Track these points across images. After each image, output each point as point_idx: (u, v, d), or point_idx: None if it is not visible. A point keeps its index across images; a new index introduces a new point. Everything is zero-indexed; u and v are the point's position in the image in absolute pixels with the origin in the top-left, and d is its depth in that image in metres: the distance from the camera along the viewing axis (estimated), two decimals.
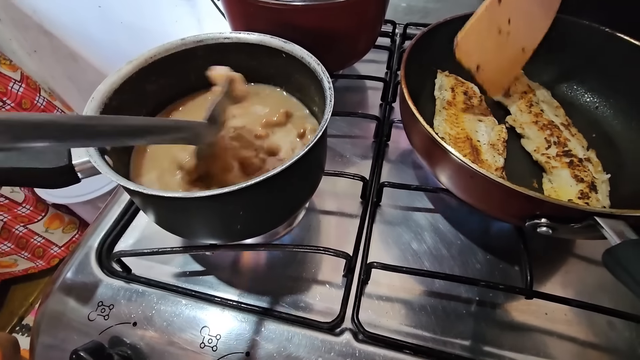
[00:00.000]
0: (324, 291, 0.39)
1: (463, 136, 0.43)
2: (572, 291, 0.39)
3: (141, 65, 0.36)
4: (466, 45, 0.42)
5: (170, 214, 0.30)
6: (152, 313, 0.36)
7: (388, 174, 0.49)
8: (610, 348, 0.35)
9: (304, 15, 0.45)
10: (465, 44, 0.42)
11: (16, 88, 1.11)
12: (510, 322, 0.37)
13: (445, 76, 0.50)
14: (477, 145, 0.42)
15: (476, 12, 0.43)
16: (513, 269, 0.40)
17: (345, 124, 0.55)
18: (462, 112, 0.46)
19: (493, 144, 0.42)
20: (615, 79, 0.47)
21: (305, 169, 0.32)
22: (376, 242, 0.42)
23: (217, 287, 0.39)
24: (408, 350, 0.34)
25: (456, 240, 0.43)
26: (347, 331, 0.35)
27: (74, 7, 1.05)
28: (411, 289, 0.39)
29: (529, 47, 0.45)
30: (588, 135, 0.46)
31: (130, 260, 0.40)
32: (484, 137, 0.43)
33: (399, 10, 0.80)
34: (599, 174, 0.41)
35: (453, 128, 0.43)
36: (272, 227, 0.35)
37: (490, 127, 0.45)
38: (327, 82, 0.34)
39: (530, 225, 0.32)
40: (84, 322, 0.36)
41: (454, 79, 0.49)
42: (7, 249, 1.17)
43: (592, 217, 0.28)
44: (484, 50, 0.43)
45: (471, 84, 0.49)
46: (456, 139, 0.43)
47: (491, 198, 0.34)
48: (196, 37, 0.39)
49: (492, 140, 0.43)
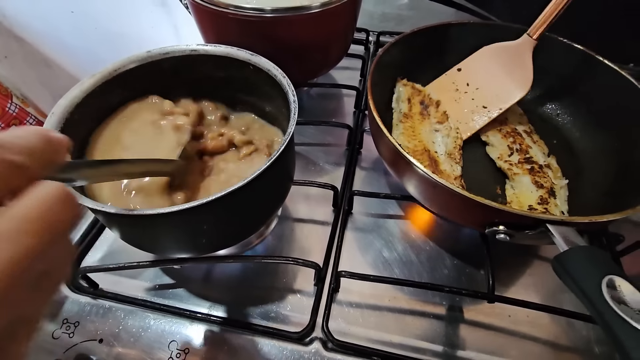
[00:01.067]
0: (295, 300, 0.39)
1: (421, 148, 0.44)
2: (534, 294, 0.40)
3: (105, 79, 0.36)
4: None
5: (135, 230, 0.30)
6: (119, 329, 0.36)
7: (361, 181, 0.50)
8: (570, 347, 0.37)
9: (274, 27, 0.45)
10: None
11: None
12: (477, 325, 0.38)
13: (403, 85, 0.51)
14: (434, 156, 0.43)
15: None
16: (479, 273, 0.42)
17: (318, 132, 0.55)
18: (419, 124, 0.47)
19: (450, 153, 0.44)
20: (574, 89, 0.49)
21: (270, 181, 0.32)
22: (347, 249, 0.43)
23: (187, 300, 0.38)
24: (376, 358, 0.35)
25: (425, 246, 0.44)
26: (316, 340, 0.36)
27: (46, 13, 1.03)
28: (381, 296, 0.40)
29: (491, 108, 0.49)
30: (549, 142, 0.48)
31: (97, 275, 0.39)
32: (441, 147, 0.45)
33: (374, 17, 0.81)
34: (558, 180, 0.43)
35: (411, 141, 0.45)
36: (241, 239, 0.36)
37: (447, 135, 0.46)
38: (292, 95, 0.34)
39: (490, 232, 0.33)
40: (48, 340, 0.35)
41: (411, 87, 0.51)
42: None
43: (544, 224, 0.30)
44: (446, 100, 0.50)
45: (428, 91, 0.51)
46: (414, 151, 0.44)
47: (453, 207, 0.35)
48: (162, 50, 0.38)
49: (449, 150, 0.44)
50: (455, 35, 0.51)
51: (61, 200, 0.14)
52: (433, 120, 0.48)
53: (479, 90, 0.50)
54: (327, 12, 0.46)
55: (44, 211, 0.14)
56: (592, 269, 0.24)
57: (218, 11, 0.45)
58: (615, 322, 0.21)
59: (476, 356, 0.36)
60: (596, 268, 0.24)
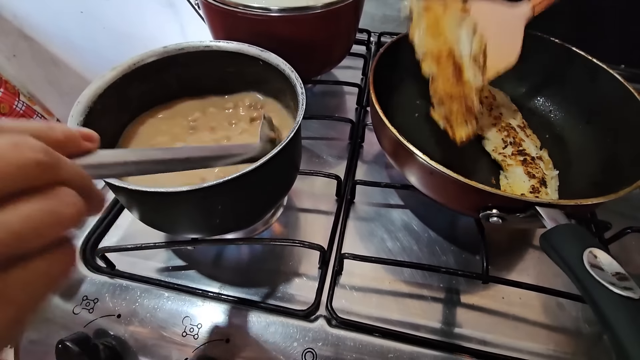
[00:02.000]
0: (301, 283, 0.41)
1: (446, 51, 0.42)
2: (527, 277, 0.43)
3: (125, 72, 0.38)
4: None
5: (153, 209, 0.32)
6: (135, 306, 0.38)
7: (363, 174, 0.53)
8: (559, 327, 0.39)
9: (280, 25, 0.48)
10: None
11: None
12: (472, 306, 0.40)
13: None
14: (459, 62, 0.42)
15: None
16: (475, 258, 0.44)
17: (322, 127, 0.58)
18: (442, 15, 0.44)
19: (475, 56, 0.42)
20: (566, 88, 0.52)
21: (279, 167, 0.34)
22: (350, 236, 0.45)
23: (198, 281, 0.41)
24: (377, 334, 0.37)
25: (424, 234, 0.46)
26: (321, 318, 0.38)
27: (55, 13, 1.06)
28: (382, 279, 0.42)
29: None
30: (542, 136, 0.50)
31: (114, 257, 0.41)
32: (466, 46, 0.43)
33: (375, 19, 0.84)
34: (549, 171, 0.45)
35: (436, 39, 0.43)
36: (250, 221, 0.38)
37: (472, 33, 0.44)
38: (300, 87, 0.37)
39: (484, 216, 0.35)
40: (69, 316, 0.37)
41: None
42: None
43: (534, 207, 0.32)
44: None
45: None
46: (439, 57, 0.43)
47: (449, 192, 0.37)
48: (178, 45, 0.41)
49: (475, 51, 0.42)
50: None
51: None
52: (455, 9, 0.45)
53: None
54: (331, 12, 0.49)
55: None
56: (574, 243, 0.26)
57: (228, 10, 0.47)
58: (593, 287, 0.24)
59: (471, 333, 0.38)
60: (578, 242, 0.26)
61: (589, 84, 0.49)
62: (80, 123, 0.33)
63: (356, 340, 0.37)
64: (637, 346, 0.22)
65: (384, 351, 0.36)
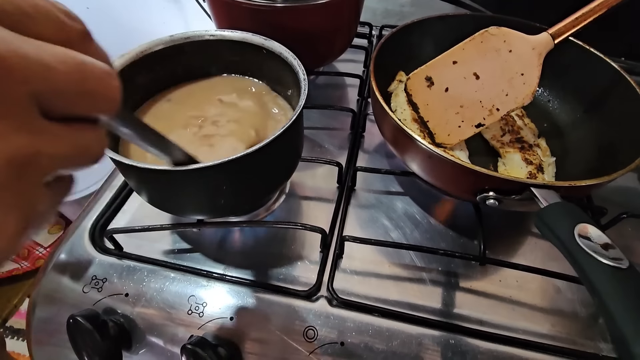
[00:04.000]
0: (303, 265, 0.42)
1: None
2: (524, 261, 0.43)
3: (132, 59, 0.39)
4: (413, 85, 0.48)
5: (161, 188, 0.34)
6: (142, 285, 0.39)
7: (364, 163, 0.53)
8: (555, 309, 0.40)
9: (283, 16, 0.49)
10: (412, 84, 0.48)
11: None
12: (470, 289, 0.41)
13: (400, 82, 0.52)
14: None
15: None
16: (472, 243, 0.45)
17: (323, 117, 0.59)
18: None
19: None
20: (566, 79, 0.52)
21: (281, 150, 0.35)
22: (351, 222, 0.46)
23: (203, 263, 0.42)
24: (377, 314, 0.38)
25: (423, 220, 0.47)
26: (322, 298, 0.39)
27: None
28: (381, 262, 0.43)
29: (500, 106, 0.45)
30: (540, 125, 0.51)
31: (122, 239, 0.42)
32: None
33: (377, 13, 0.85)
34: (546, 158, 0.46)
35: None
36: (253, 204, 0.39)
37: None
38: (302, 74, 0.38)
39: (481, 199, 0.36)
40: (79, 295, 0.39)
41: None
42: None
43: (529, 188, 0.33)
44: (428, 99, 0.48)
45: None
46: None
47: (447, 176, 0.38)
48: (184, 34, 0.42)
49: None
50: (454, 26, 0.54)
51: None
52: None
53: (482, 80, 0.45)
54: (333, 4, 0.50)
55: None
56: (565, 219, 0.27)
57: (232, 1, 0.48)
58: (584, 259, 0.25)
59: (469, 314, 0.39)
60: (569, 217, 0.27)
61: (589, 75, 0.49)
62: None
63: (356, 319, 0.38)
64: (626, 314, 0.23)
65: (382, 330, 0.37)
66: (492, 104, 0.45)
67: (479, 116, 0.45)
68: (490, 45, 0.45)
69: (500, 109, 0.44)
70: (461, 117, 0.46)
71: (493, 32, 0.45)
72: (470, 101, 0.46)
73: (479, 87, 0.45)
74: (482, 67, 0.45)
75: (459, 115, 0.46)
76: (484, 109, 0.45)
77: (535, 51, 0.43)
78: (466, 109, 0.46)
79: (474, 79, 0.46)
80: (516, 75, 0.44)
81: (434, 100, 0.47)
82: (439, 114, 0.47)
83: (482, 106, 0.45)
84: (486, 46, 0.45)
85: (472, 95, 0.46)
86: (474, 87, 0.46)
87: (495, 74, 0.45)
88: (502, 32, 0.44)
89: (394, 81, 0.54)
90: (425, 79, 0.47)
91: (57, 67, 0.13)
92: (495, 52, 0.45)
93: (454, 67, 0.46)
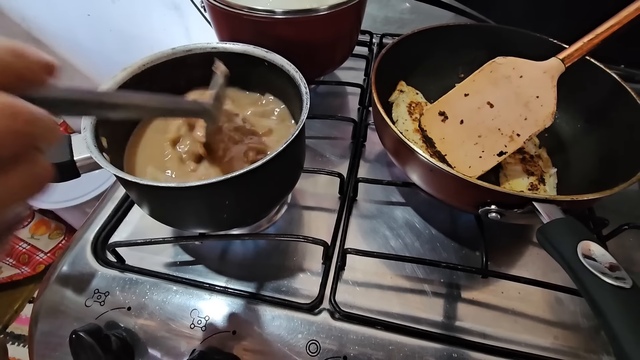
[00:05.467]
0: (305, 277, 0.42)
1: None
2: (526, 273, 0.43)
3: (134, 72, 0.40)
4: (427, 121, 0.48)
5: (163, 203, 0.34)
6: (145, 299, 0.39)
7: (365, 172, 0.54)
8: (558, 321, 0.40)
9: (285, 27, 0.49)
10: (426, 120, 0.48)
11: None
12: (472, 301, 0.41)
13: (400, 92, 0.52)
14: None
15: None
16: (474, 254, 0.45)
17: (325, 127, 0.59)
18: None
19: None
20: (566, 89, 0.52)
21: (284, 164, 0.36)
22: (352, 233, 0.47)
23: (205, 275, 0.42)
24: (379, 327, 0.38)
25: (425, 230, 0.48)
26: (324, 311, 0.39)
27: (63, 15, 1.08)
28: (383, 274, 0.43)
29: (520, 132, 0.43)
30: (541, 135, 0.51)
31: (124, 252, 0.43)
32: None
33: (377, 21, 0.85)
34: (547, 169, 0.46)
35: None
36: (256, 217, 0.39)
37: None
38: (304, 87, 0.38)
39: (483, 212, 0.36)
40: (81, 309, 0.39)
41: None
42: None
43: (531, 202, 0.33)
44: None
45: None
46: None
47: (449, 189, 0.38)
48: (186, 47, 0.42)
49: None
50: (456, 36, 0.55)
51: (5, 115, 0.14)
52: None
53: (497, 108, 0.44)
54: (334, 15, 0.50)
55: None
56: (569, 236, 0.27)
57: (233, 12, 0.49)
58: (587, 278, 0.25)
59: (471, 327, 0.39)
60: (572, 234, 0.27)
61: (588, 84, 0.49)
62: (92, 122, 0.34)
63: (358, 332, 0.38)
64: (629, 333, 0.23)
65: (385, 343, 0.37)
66: (512, 130, 0.43)
67: (500, 144, 0.44)
68: (500, 74, 0.44)
69: (521, 134, 0.43)
70: (481, 148, 0.44)
71: (500, 62, 0.44)
72: (488, 130, 0.44)
73: (495, 115, 0.44)
74: (496, 96, 0.44)
75: (478, 145, 0.45)
76: (503, 136, 0.43)
77: (547, 74, 0.42)
78: (485, 139, 0.44)
79: (488, 107, 0.45)
80: (532, 99, 0.43)
81: (450, 133, 0.46)
82: (457, 147, 0.46)
83: (501, 134, 0.43)
84: (496, 75, 0.44)
85: (490, 124, 0.44)
86: (490, 115, 0.44)
87: (509, 100, 0.44)
88: (510, 60, 0.44)
89: (395, 91, 0.54)
90: (438, 114, 0.47)
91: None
92: (506, 79, 0.44)
93: (466, 99, 0.46)
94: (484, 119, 0.45)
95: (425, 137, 0.48)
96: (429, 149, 0.47)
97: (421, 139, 0.47)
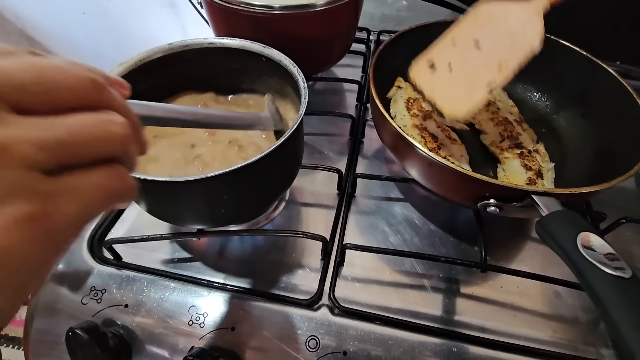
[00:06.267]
0: (303, 273, 0.42)
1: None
2: (525, 267, 0.43)
3: (131, 68, 0.39)
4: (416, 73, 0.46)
5: (160, 198, 0.33)
6: (142, 296, 0.39)
7: (363, 169, 0.54)
8: (556, 315, 0.40)
9: (282, 23, 0.49)
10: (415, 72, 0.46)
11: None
12: (471, 295, 0.41)
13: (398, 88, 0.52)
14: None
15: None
16: (473, 249, 0.45)
17: (323, 123, 0.59)
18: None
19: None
20: (562, 83, 0.53)
21: (282, 159, 0.35)
22: (351, 229, 0.46)
23: (203, 272, 0.41)
24: (379, 322, 0.38)
25: (424, 226, 0.47)
26: (324, 307, 0.39)
27: (57, 13, 1.07)
28: (382, 270, 0.43)
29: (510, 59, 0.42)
30: (538, 131, 0.51)
31: (121, 249, 0.42)
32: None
33: (374, 18, 0.85)
34: (545, 163, 0.46)
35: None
36: (254, 212, 0.39)
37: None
38: (302, 82, 0.38)
39: (482, 206, 0.36)
40: (77, 306, 0.38)
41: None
42: None
43: (530, 195, 0.33)
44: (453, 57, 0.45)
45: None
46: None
47: (448, 183, 0.38)
48: (182, 42, 0.42)
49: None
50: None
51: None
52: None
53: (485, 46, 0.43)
54: (331, 10, 0.50)
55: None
56: (568, 227, 0.27)
57: (230, 8, 0.48)
58: (586, 268, 0.25)
59: (470, 321, 0.39)
60: (571, 226, 0.27)
61: (585, 79, 0.50)
62: None
63: (358, 328, 0.38)
64: (628, 323, 0.23)
65: (384, 339, 0.37)
66: (500, 60, 0.42)
67: (488, 76, 0.42)
68: (485, 16, 0.44)
69: (510, 62, 0.41)
70: (470, 83, 0.43)
71: (484, 4, 0.44)
72: (476, 67, 0.43)
73: (483, 53, 0.43)
74: (482, 36, 0.43)
75: (467, 84, 0.43)
76: (491, 67, 0.42)
77: (532, 7, 0.41)
78: (474, 75, 0.43)
79: (475, 49, 0.44)
80: (519, 29, 0.42)
81: (440, 82, 0.45)
82: (447, 92, 0.44)
83: (489, 66, 0.42)
84: (481, 19, 0.44)
85: (478, 62, 0.43)
86: (478, 55, 0.43)
87: (496, 36, 0.43)
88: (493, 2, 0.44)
89: (392, 87, 0.54)
90: (427, 64, 0.46)
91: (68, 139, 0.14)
92: (492, 19, 0.43)
93: (453, 46, 0.45)
94: (472, 59, 0.44)
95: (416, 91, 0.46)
96: (428, 145, 0.47)
97: (420, 134, 0.47)
